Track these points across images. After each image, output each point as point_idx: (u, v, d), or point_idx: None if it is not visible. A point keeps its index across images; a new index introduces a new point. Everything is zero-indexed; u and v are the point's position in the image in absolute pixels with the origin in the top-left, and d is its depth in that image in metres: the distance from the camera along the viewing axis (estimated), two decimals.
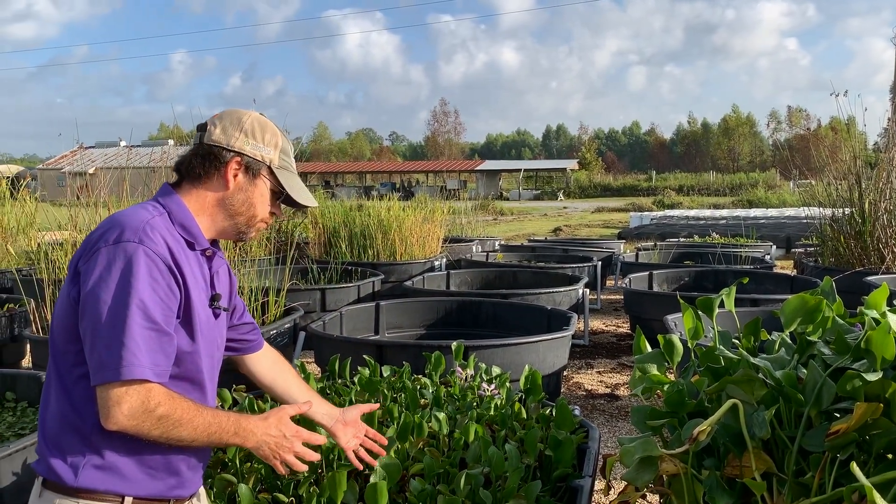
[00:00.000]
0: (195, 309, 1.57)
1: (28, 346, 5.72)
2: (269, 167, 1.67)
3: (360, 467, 1.99)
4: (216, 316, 1.69)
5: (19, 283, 6.14)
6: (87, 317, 1.45)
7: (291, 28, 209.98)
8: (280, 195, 1.69)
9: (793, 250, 13.08)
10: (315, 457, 1.71)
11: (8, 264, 8.48)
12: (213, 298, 1.66)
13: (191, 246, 1.61)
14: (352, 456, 1.97)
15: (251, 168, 1.65)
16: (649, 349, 2.27)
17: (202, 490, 1.80)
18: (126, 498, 1.52)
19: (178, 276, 1.52)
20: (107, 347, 1.41)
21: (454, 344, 3.44)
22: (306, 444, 1.68)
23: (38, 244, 8.42)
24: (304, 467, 1.70)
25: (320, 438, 1.74)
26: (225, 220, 1.67)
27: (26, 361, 5.95)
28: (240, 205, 1.66)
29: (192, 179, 1.65)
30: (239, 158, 1.64)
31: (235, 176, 1.64)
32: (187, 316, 1.56)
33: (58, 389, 1.52)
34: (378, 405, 2.07)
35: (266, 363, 2.02)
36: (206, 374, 1.65)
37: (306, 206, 1.72)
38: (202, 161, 1.63)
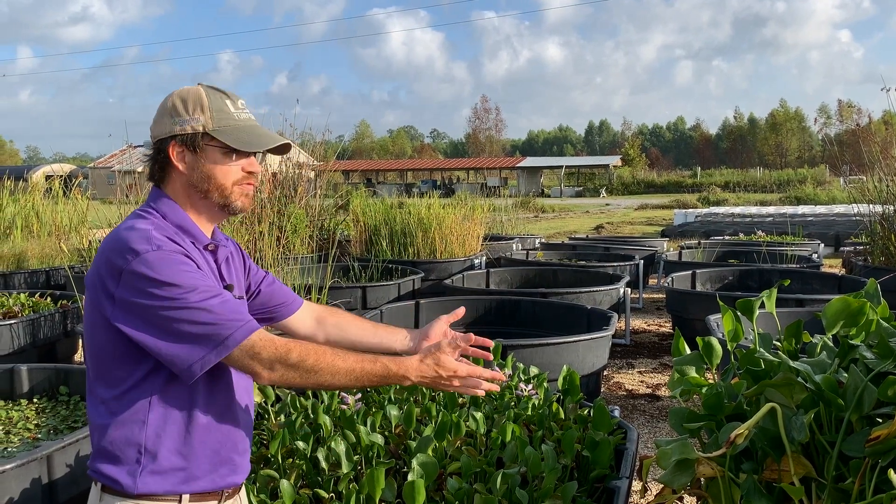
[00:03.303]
0: None
1: (80, 341, 5.90)
2: (207, 133, 1.61)
3: (482, 393, 1.72)
4: None
5: (72, 279, 6.34)
6: (159, 333, 1.48)
7: (336, 27, 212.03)
8: (236, 152, 1.63)
9: (841, 249, 12.76)
10: (490, 387, 1.66)
11: (61, 261, 8.76)
12: (226, 289, 1.67)
13: (192, 243, 1.63)
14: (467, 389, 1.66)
15: (189, 143, 1.61)
16: (688, 351, 2.26)
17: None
18: (184, 496, 1.56)
19: (197, 265, 1.57)
20: (204, 337, 1.47)
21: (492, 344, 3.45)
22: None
23: (90, 242, 8.68)
24: (481, 392, 1.67)
25: (486, 372, 1.64)
26: (201, 201, 1.65)
27: (79, 356, 6.15)
28: (201, 182, 1.63)
29: (159, 180, 1.67)
30: (174, 141, 1.62)
31: (183, 159, 1.62)
32: None
33: (105, 404, 1.56)
34: (462, 309, 1.87)
35: (308, 322, 1.98)
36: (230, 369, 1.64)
37: (273, 148, 1.66)
38: (153, 161, 1.66)
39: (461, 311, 1.88)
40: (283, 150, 1.72)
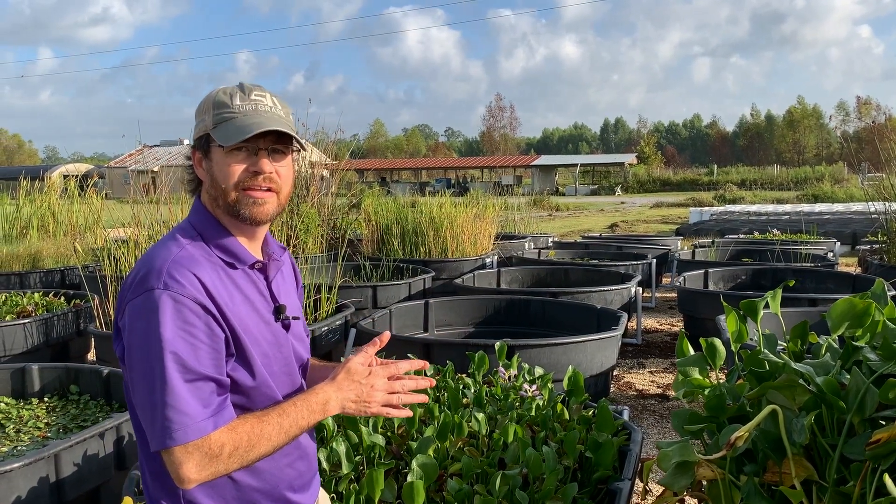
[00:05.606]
0: (247, 343, 1.45)
1: (92, 340, 5.95)
2: (209, 133, 1.48)
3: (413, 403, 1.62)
4: (287, 328, 1.56)
5: (85, 279, 6.39)
6: (129, 380, 1.39)
7: (353, 26, 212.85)
8: (234, 149, 1.47)
9: (858, 247, 12.63)
10: (411, 384, 1.56)
11: (76, 261, 8.82)
12: (278, 311, 1.54)
13: (232, 265, 1.49)
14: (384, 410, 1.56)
15: (200, 147, 1.51)
16: (692, 352, 2.24)
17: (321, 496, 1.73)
18: None
19: (218, 314, 1.40)
20: (154, 412, 1.32)
21: (497, 344, 3.45)
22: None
23: (104, 241, 8.75)
24: (406, 412, 1.58)
25: (401, 365, 1.56)
26: (219, 209, 1.51)
27: (91, 355, 6.20)
28: (211, 188, 1.50)
29: (195, 192, 1.58)
30: (193, 148, 1.54)
31: (200, 165, 1.52)
32: (241, 352, 1.44)
33: (143, 446, 1.45)
34: (387, 334, 1.63)
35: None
36: (284, 395, 1.52)
37: (263, 130, 1.44)
38: (189, 168, 1.57)
39: (386, 336, 1.61)
40: (284, 141, 1.50)
